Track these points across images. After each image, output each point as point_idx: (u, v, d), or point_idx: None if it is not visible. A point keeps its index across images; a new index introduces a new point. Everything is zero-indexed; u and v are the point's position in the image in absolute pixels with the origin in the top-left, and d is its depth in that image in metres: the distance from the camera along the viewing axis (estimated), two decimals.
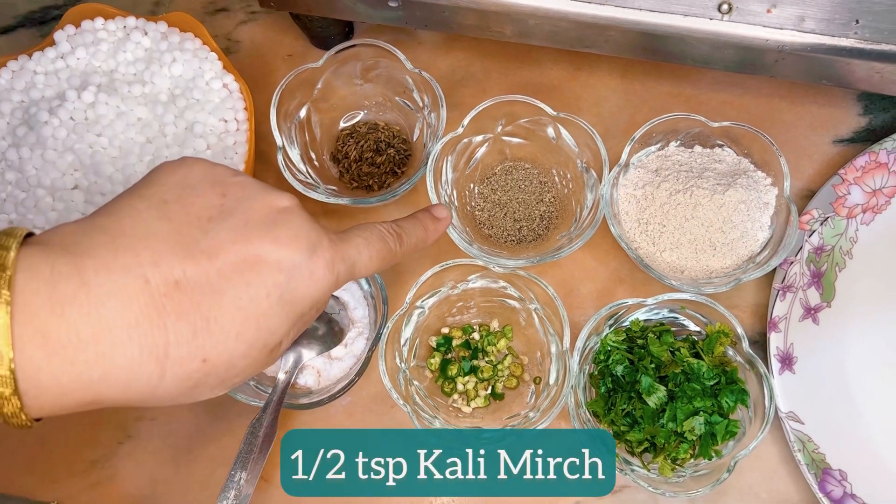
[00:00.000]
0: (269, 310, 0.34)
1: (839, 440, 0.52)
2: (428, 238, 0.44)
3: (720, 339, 0.51)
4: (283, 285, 0.34)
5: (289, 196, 0.37)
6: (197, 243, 0.33)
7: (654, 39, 0.52)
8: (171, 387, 0.32)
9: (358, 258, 0.38)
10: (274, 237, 0.34)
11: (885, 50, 0.49)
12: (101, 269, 0.30)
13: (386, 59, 0.58)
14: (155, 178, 0.35)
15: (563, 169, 0.58)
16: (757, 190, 0.53)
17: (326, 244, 0.36)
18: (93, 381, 0.30)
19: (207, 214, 0.34)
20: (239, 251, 0.33)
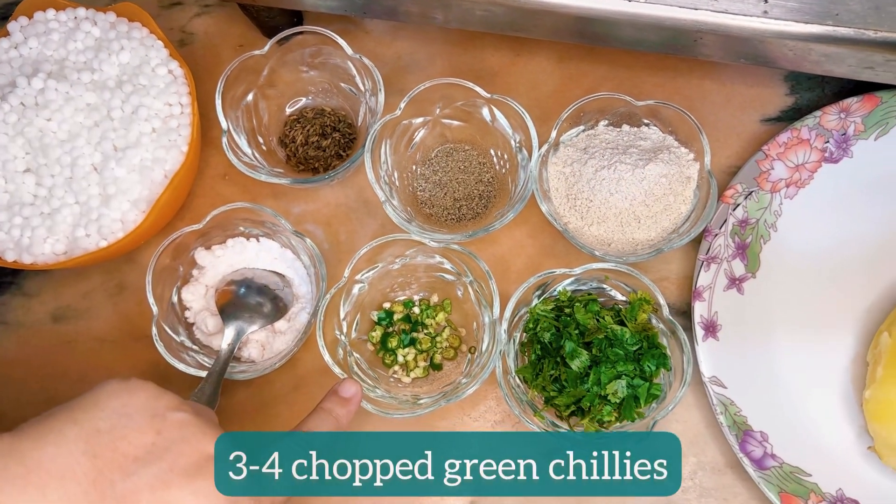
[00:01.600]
0: None
1: (761, 403, 0.54)
2: (341, 423, 0.44)
3: (642, 307, 0.53)
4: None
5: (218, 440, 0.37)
6: (113, 487, 0.33)
7: (580, 22, 0.54)
8: None
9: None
10: (194, 489, 0.35)
11: (794, 30, 0.51)
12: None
13: (329, 46, 0.60)
14: (93, 402, 0.35)
15: (500, 150, 0.61)
16: (679, 165, 0.55)
17: (246, 501, 0.36)
18: None
19: (135, 454, 0.35)
20: (154, 499, 0.34)
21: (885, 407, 0.50)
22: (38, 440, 0.33)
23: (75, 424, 0.34)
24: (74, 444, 0.33)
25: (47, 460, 0.32)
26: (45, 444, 0.33)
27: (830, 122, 0.58)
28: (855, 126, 0.59)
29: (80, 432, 0.34)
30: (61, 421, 0.34)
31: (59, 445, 0.33)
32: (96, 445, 0.33)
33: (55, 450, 0.33)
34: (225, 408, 0.58)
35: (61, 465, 0.32)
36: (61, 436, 0.33)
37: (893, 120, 0.59)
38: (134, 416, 0.35)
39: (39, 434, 0.33)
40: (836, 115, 0.58)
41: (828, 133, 0.58)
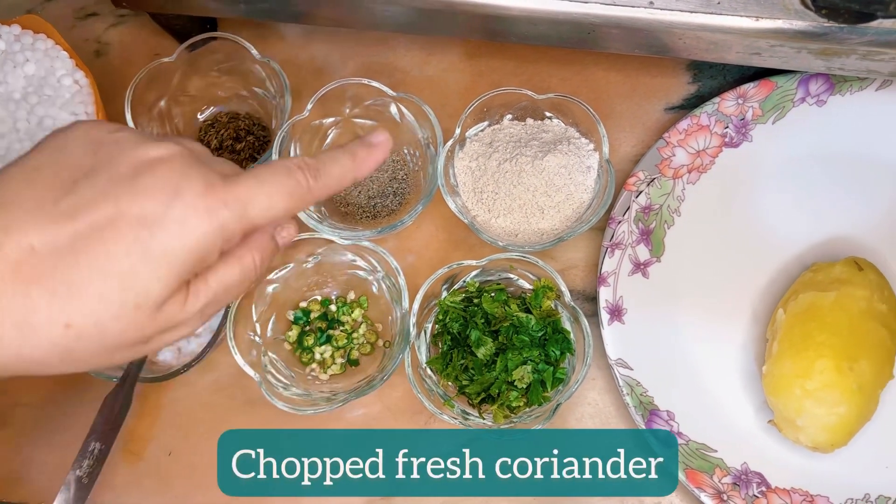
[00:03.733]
0: (132, 267, 0.32)
1: (666, 383, 0.56)
2: (358, 168, 0.39)
3: (546, 294, 0.54)
4: (144, 240, 0.32)
5: (167, 145, 0.34)
6: (56, 205, 0.32)
7: (478, 20, 0.55)
8: (38, 353, 0.32)
9: (250, 200, 0.34)
10: (136, 191, 0.32)
11: (680, 19, 0.53)
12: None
13: (239, 50, 0.61)
14: (38, 145, 0.35)
15: (412, 147, 0.62)
16: (579, 155, 0.57)
17: (200, 189, 0.33)
18: None
19: (73, 176, 0.33)
20: (99, 209, 0.32)
21: (780, 381, 0.51)
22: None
23: (16, 166, 0.34)
24: (15, 179, 0.33)
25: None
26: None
27: (729, 107, 0.60)
28: (753, 111, 0.60)
29: (21, 170, 0.33)
30: (7, 167, 0.34)
31: (1, 185, 0.33)
32: (35, 178, 0.33)
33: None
34: (144, 412, 0.59)
35: (4, 198, 0.32)
36: (6, 175, 0.33)
37: (790, 104, 0.60)
38: (71, 147, 0.34)
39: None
40: (734, 100, 0.60)
41: (727, 119, 0.60)
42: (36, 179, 0.33)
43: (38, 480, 0.57)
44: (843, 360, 0.50)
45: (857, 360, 0.50)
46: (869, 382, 0.50)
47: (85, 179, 0.33)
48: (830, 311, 0.51)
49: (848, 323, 0.51)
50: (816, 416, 0.50)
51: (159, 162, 0.33)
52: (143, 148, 0.34)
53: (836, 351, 0.50)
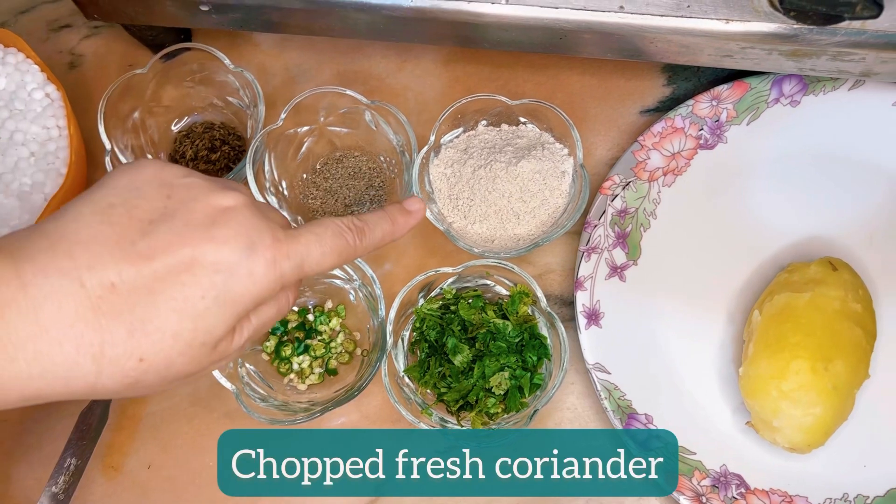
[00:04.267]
0: (205, 310, 0.35)
1: (644, 386, 0.56)
2: (396, 232, 0.44)
3: (522, 300, 0.54)
4: (219, 285, 0.35)
5: (235, 194, 0.37)
6: (134, 246, 0.34)
7: (449, 27, 0.56)
8: (110, 383, 0.34)
9: (308, 255, 0.38)
10: (211, 237, 0.35)
11: (651, 23, 0.53)
12: (38, 273, 0.32)
13: (212, 60, 0.61)
14: (105, 183, 0.37)
15: (388, 154, 0.62)
16: (553, 160, 0.57)
17: (269, 242, 0.36)
18: (32, 377, 0.32)
19: (149, 217, 0.35)
20: (175, 253, 0.34)
21: (756, 382, 0.51)
22: (57, 220, 0.35)
23: (89, 203, 0.36)
24: (91, 217, 0.35)
25: (70, 232, 0.34)
26: (65, 221, 0.35)
27: (703, 109, 0.60)
28: (727, 112, 0.60)
29: (95, 208, 0.35)
30: (77, 203, 0.36)
31: (77, 220, 0.35)
32: (111, 216, 0.35)
33: (75, 224, 0.34)
34: (122, 425, 0.59)
35: (83, 234, 0.34)
36: (78, 213, 0.35)
37: (764, 105, 0.61)
38: (143, 187, 0.36)
39: (57, 217, 0.35)
40: (708, 102, 0.60)
41: (701, 121, 0.60)
42: (112, 218, 0.35)
43: (17, 497, 0.57)
44: (819, 360, 0.50)
45: (833, 360, 0.50)
46: (844, 382, 0.50)
47: (162, 222, 0.35)
48: (805, 312, 0.51)
49: (822, 323, 0.51)
50: (793, 417, 0.50)
51: (231, 211, 0.36)
52: (214, 196, 0.37)
53: (811, 352, 0.50)
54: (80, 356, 0.33)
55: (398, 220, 0.44)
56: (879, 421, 0.54)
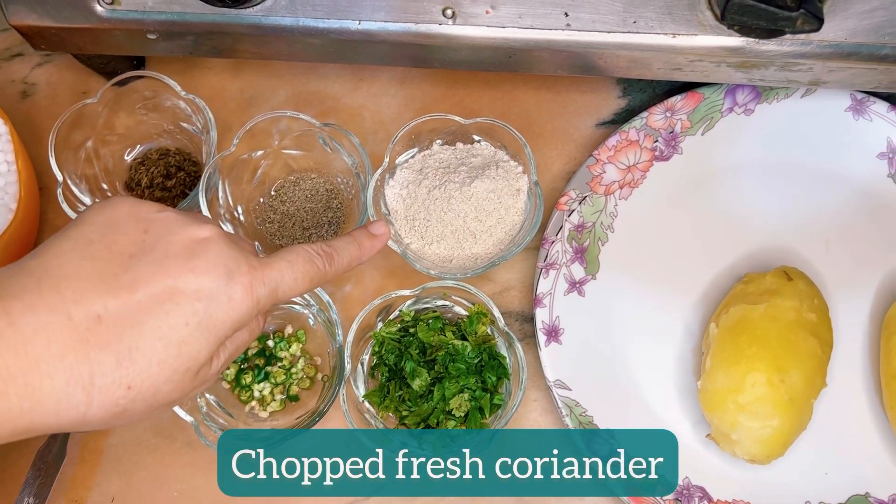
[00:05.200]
0: (188, 336, 0.36)
1: (606, 402, 0.56)
2: (363, 256, 0.46)
3: (480, 320, 0.54)
4: (201, 312, 0.36)
5: (209, 227, 0.39)
6: (117, 279, 0.35)
7: (399, 48, 0.55)
8: (100, 412, 0.35)
9: (281, 281, 0.40)
10: (191, 267, 0.37)
11: (598, 39, 0.53)
12: (27, 310, 0.33)
13: (164, 87, 0.60)
14: (82, 219, 0.38)
15: (344, 175, 0.61)
16: (508, 178, 0.57)
17: (245, 269, 0.38)
18: (24, 410, 0.33)
19: (129, 251, 0.37)
20: (158, 283, 0.36)
21: (714, 396, 0.52)
22: (38, 258, 0.36)
23: (69, 240, 0.37)
24: (73, 253, 0.36)
25: (54, 269, 0.35)
26: (47, 258, 0.36)
27: (657, 121, 0.60)
28: (681, 123, 0.61)
29: (76, 245, 0.36)
30: (55, 241, 0.37)
31: (59, 257, 0.36)
32: (91, 252, 0.36)
33: (58, 261, 0.36)
34: (84, 458, 0.58)
35: (67, 270, 0.35)
36: (59, 250, 0.36)
37: (718, 114, 0.61)
38: (120, 223, 0.38)
39: (38, 254, 0.36)
40: (662, 114, 0.60)
41: (656, 132, 0.60)
42: (93, 253, 0.36)
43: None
44: (774, 372, 0.50)
45: (788, 371, 0.50)
46: (801, 393, 0.50)
47: (142, 255, 0.37)
48: (760, 324, 0.51)
49: (777, 335, 0.51)
50: (751, 429, 0.50)
51: (207, 241, 0.38)
52: (190, 229, 0.38)
53: (767, 364, 0.50)
54: (71, 387, 0.33)
55: (364, 244, 0.46)
56: (838, 428, 0.55)
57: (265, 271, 0.39)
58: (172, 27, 0.55)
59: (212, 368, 0.39)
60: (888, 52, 0.51)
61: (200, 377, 0.38)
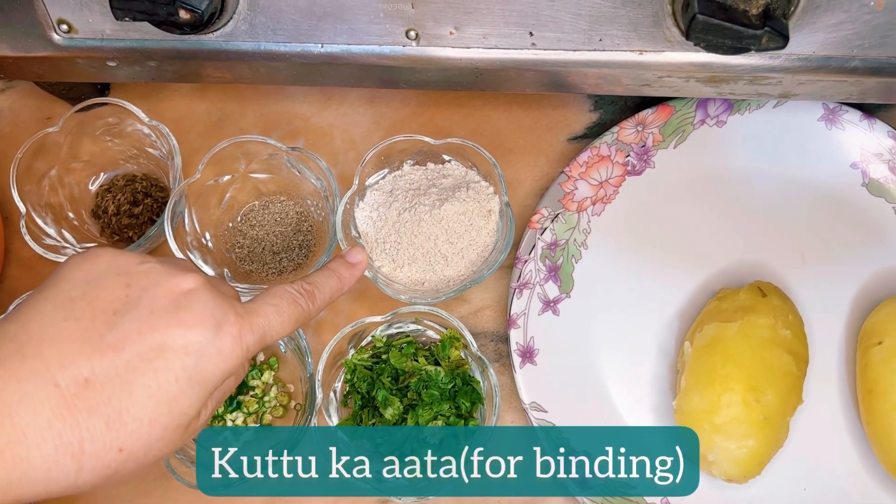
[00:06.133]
0: (179, 393, 0.35)
1: (582, 422, 0.55)
2: (343, 287, 0.46)
3: (453, 344, 0.53)
4: (191, 367, 0.35)
5: (193, 277, 0.38)
6: (103, 339, 0.34)
7: (366, 70, 0.55)
8: (91, 477, 0.34)
9: (268, 327, 0.39)
10: (178, 321, 0.36)
11: (564, 58, 0.52)
12: (10, 379, 0.32)
13: (127, 113, 0.59)
14: (60, 277, 0.37)
15: (314, 198, 0.61)
16: (478, 200, 0.56)
17: (233, 319, 0.37)
18: (12, 483, 0.32)
19: (113, 308, 0.36)
20: (145, 340, 0.35)
21: (689, 416, 0.51)
22: (17, 321, 0.35)
23: (49, 300, 0.36)
24: (54, 314, 0.35)
25: (35, 332, 0.34)
26: (27, 321, 0.35)
27: (628, 135, 0.60)
28: (653, 137, 0.60)
29: (56, 305, 0.36)
30: (34, 302, 0.36)
31: (40, 319, 0.35)
32: (73, 311, 0.35)
33: (38, 324, 0.35)
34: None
35: (50, 333, 0.34)
36: (39, 312, 0.35)
37: (689, 127, 0.60)
38: (101, 278, 0.37)
39: (17, 317, 0.35)
40: (633, 128, 0.60)
41: (627, 147, 0.60)
42: (75, 313, 0.35)
43: None
44: (749, 392, 0.49)
45: (763, 390, 0.50)
46: (776, 412, 0.50)
47: (126, 312, 0.36)
48: (734, 343, 0.51)
49: (752, 353, 0.50)
50: (727, 450, 0.50)
51: (193, 293, 0.37)
52: (174, 280, 0.37)
53: (742, 383, 0.50)
54: (60, 456, 0.33)
55: (344, 275, 0.46)
56: (816, 444, 0.54)
57: (252, 319, 0.39)
58: (132, 54, 0.54)
59: (200, 420, 0.38)
60: (857, 64, 0.51)
61: (190, 430, 0.37)
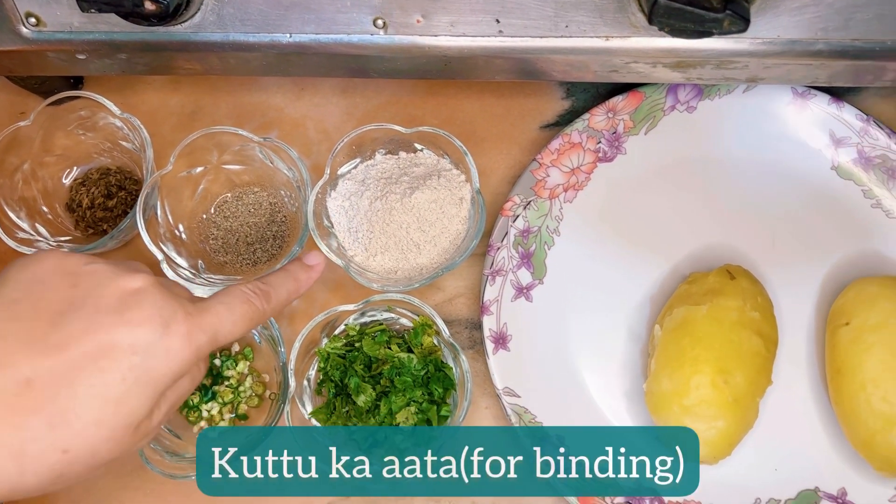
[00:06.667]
0: (126, 392, 0.35)
1: (556, 407, 0.56)
2: (300, 289, 0.45)
3: (426, 331, 0.54)
4: (138, 367, 0.35)
5: (142, 276, 0.38)
6: (46, 338, 0.34)
7: (335, 59, 0.55)
8: (34, 480, 0.33)
9: (220, 326, 0.39)
10: (125, 320, 0.35)
11: (531, 45, 0.52)
12: None
13: (99, 106, 0.59)
14: (5, 278, 0.37)
15: (288, 189, 0.61)
16: (450, 188, 0.56)
17: (181, 318, 0.37)
18: None
19: (58, 308, 0.35)
20: (90, 340, 0.34)
21: (659, 399, 0.52)
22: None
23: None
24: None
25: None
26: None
27: (599, 122, 0.60)
28: (624, 123, 0.60)
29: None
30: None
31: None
32: (17, 311, 0.35)
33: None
34: None
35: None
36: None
37: (660, 113, 0.61)
38: (46, 279, 0.36)
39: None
40: (603, 115, 0.60)
41: (598, 134, 0.60)
42: (19, 313, 0.35)
43: None
44: (718, 374, 0.50)
45: (732, 372, 0.50)
46: (745, 393, 0.50)
47: (71, 312, 0.35)
48: (703, 325, 0.51)
49: (720, 335, 0.51)
50: (696, 431, 0.50)
51: (141, 292, 0.37)
52: (121, 279, 0.37)
53: (711, 365, 0.50)
54: (0, 459, 0.32)
55: (300, 277, 0.46)
56: (786, 425, 0.55)
57: (203, 317, 0.38)
58: (101, 47, 0.54)
59: (152, 421, 0.37)
60: (821, 47, 0.51)
61: (141, 432, 0.37)
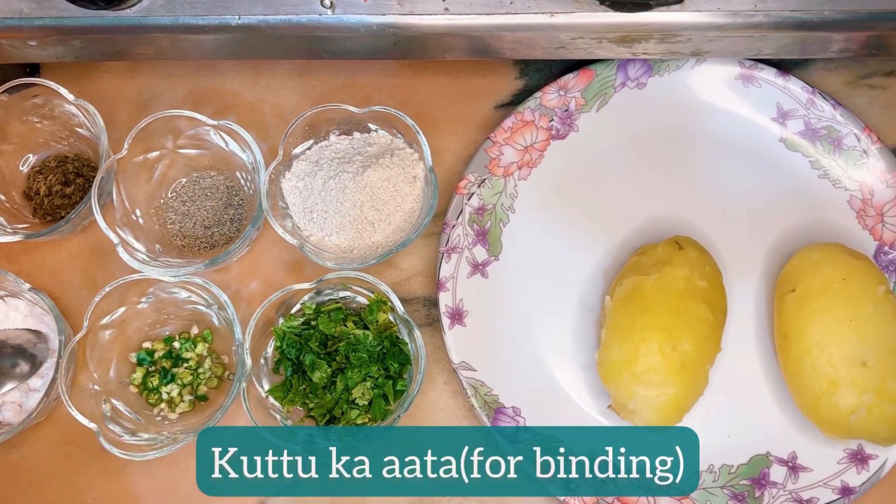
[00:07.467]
0: None
1: (511, 379, 0.56)
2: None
3: (381, 308, 0.54)
4: None
5: None
6: None
7: (285, 41, 0.55)
8: None
9: None
10: None
11: (477, 22, 0.53)
12: None
13: (53, 93, 0.59)
14: None
15: (244, 172, 0.61)
16: (403, 166, 0.57)
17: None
18: None
19: None
20: None
21: (610, 367, 0.52)
22: None
23: None
24: None
25: None
26: None
27: (551, 100, 0.61)
28: (576, 101, 0.61)
29: None
30: None
31: None
32: None
33: None
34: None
35: None
36: None
37: (611, 90, 0.61)
38: None
39: None
40: (555, 93, 0.61)
41: (551, 112, 0.61)
42: None
43: None
44: (666, 341, 0.51)
45: (680, 339, 0.51)
46: (693, 360, 0.51)
47: None
48: (651, 294, 0.52)
49: (668, 304, 0.52)
50: (646, 398, 0.51)
51: None
52: None
53: (659, 333, 0.51)
54: None
55: None
56: (736, 391, 0.56)
57: None
58: (51, 32, 0.55)
59: None
60: (760, 18, 0.52)
61: None
